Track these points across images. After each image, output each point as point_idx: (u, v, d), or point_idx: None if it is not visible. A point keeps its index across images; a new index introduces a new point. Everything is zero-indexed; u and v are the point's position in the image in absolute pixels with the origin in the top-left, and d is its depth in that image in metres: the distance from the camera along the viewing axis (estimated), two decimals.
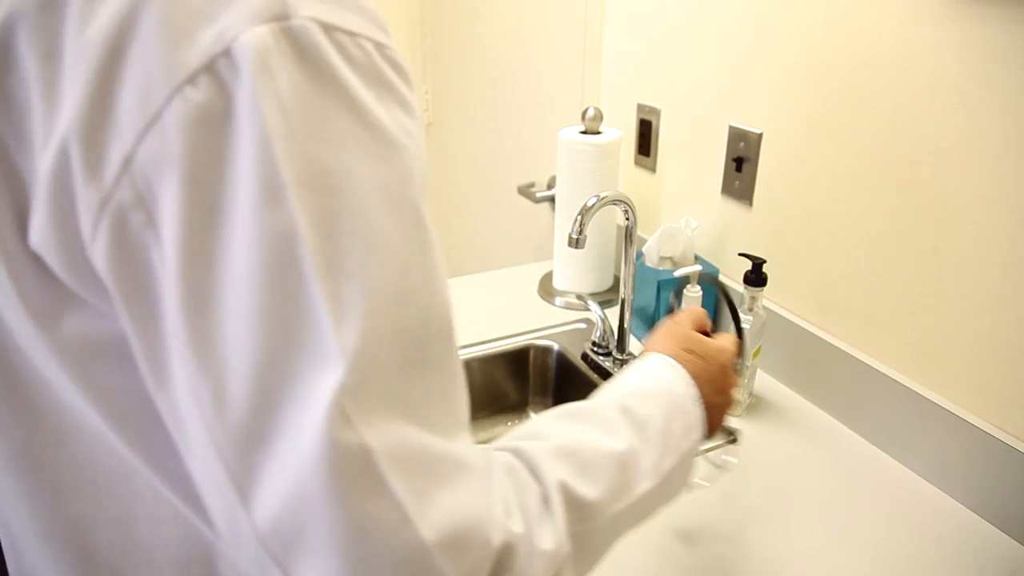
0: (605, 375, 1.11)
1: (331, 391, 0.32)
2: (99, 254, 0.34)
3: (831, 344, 0.99)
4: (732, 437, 0.90)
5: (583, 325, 1.26)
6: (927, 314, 0.87)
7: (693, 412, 0.58)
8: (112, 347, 0.37)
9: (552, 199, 1.55)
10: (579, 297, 1.33)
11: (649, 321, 1.19)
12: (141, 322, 0.34)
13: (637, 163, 1.38)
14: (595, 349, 1.14)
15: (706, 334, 0.68)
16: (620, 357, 1.11)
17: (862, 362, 0.95)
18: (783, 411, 1.03)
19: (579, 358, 1.17)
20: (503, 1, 1.80)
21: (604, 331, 1.13)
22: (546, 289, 1.39)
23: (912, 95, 0.84)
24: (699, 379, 0.60)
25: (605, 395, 0.57)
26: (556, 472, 0.46)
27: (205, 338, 0.33)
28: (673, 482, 0.56)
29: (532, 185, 1.67)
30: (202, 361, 0.33)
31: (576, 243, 0.95)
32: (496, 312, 1.31)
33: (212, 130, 0.31)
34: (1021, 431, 0.79)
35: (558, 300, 1.35)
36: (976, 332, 0.82)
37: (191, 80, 0.31)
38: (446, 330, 0.40)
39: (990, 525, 0.82)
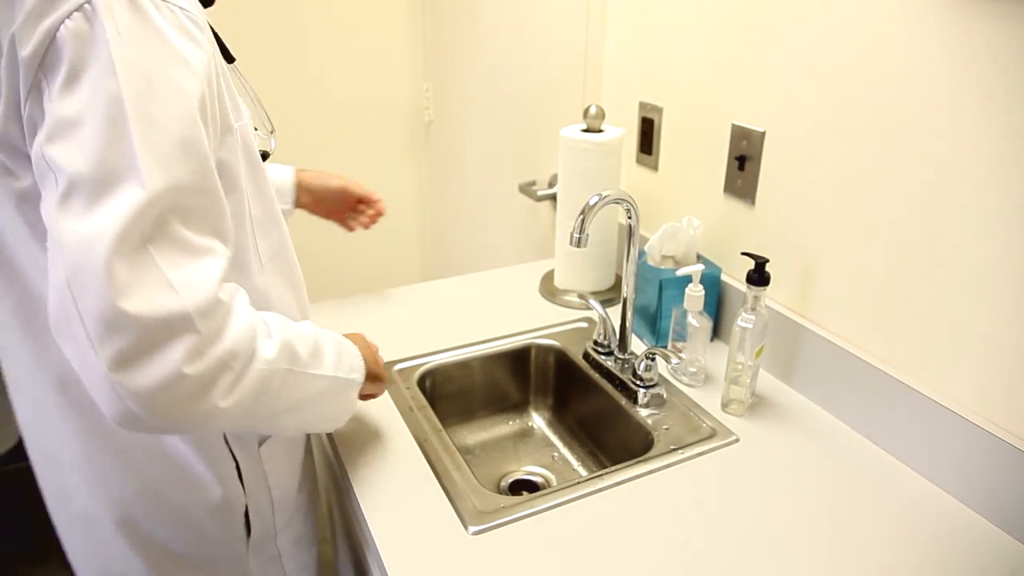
0: (607, 374, 1.11)
1: (134, 200, 0.57)
2: (25, 116, 0.60)
3: (833, 344, 0.99)
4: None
5: (584, 324, 1.26)
6: (928, 313, 0.87)
7: (358, 362, 0.85)
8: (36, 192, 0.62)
9: (553, 197, 1.55)
10: (581, 296, 1.33)
11: (651, 320, 1.19)
12: (35, 157, 0.59)
13: (639, 161, 1.37)
14: (597, 348, 1.14)
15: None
16: (622, 356, 1.11)
17: (864, 361, 0.95)
18: (785, 410, 1.03)
19: (580, 357, 1.17)
20: (504, 0, 1.80)
21: (606, 330, 1.13)
22: (547, 288, 1.38)
23: (915, 93, 0.84)
24: (364, 355, 0.87)
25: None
26: (283, 330, 0.72)
27: (64, 155, 0.57)
28: (342, 389, 0.82)
29: (533, 183, 1.66)
30: (59, 169, 0.57)
31: (578, 242, 0.94)
32: (497, 311, 1.31)
33: (83, 41, 0.57)
34: (1021, 430, 0.79)
35: (559, 299, 1.34)
36: (976, 332, 0.82)
37: (70, 15, 0.57)
38: (209, 175, 0.64)
39: (990, 524, 0.82)
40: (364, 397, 0.90)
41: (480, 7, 1.93)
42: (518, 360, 1.22)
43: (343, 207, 1.23)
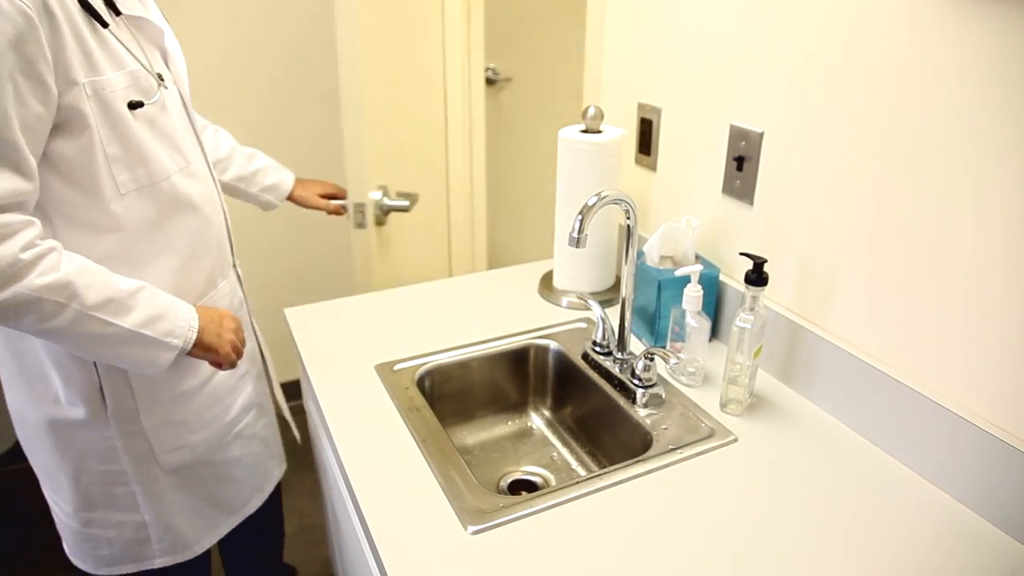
0: (605, 374, 1.11)
1: None
2: None
3: (832, 344, 0.99)
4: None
5: (583, 324, 1.26)
6: (927, 314, 0.87)
7: (180, 331, 1.01)
8: None
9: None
10: (580, 296, 1.33)
11: (650, 320, 1.19)
12: None
13: (638, 162, 1.38)
14: (596, 348, 1.14)
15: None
16: (621, 356, 1.11)
17: (862, 362, 0.95)
18: (783, 410, 1.03)
19: (579, 357, 1.17)
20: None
21: (605, 330, 1.13)
22: (547, 288, 1.39)
23: (913, 94, 0.84)
24: (206, 329, 1.05)
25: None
26: (70, 266, 0.90)
27: None
28: (147, 345, 0.98)
29: None
30: None
31: (576, 242, 0.95)
32: (497, 311, 1.31)
33: None
34: (1021, 431, 0.79)
35: (559, 299, 1.35)
36: (976, 332, 0.82)
37: None
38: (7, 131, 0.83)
39: (990, 524, 0.82)
40: (214, 364, 1.11)
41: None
42: (517, 360, 1.23)
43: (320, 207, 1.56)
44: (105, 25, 0.93)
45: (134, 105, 0.96)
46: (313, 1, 2.12)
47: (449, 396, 1.18)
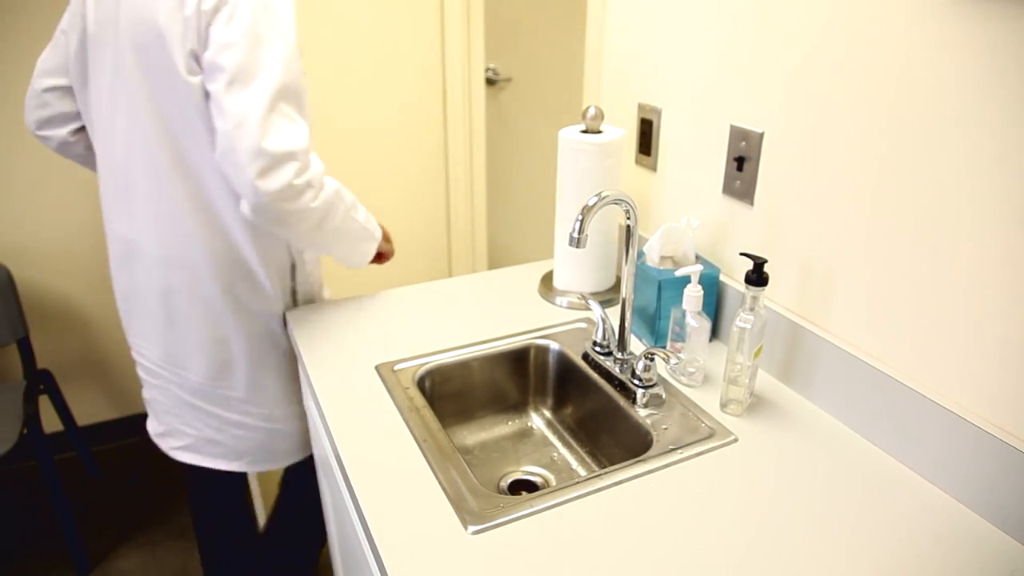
0: (606, 374, 1.11)
1: (267, 88, 1.03)
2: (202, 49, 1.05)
3: (832, 344, 0.99)
4: None
5: (584, 325, 1.27)
6: (927, 314, 0.87)
7: (377, 227, 1.30)
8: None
9: None
10: (580, 297, 1.33)
11: (650, 320, 1.19)
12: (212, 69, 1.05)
13: (638, 162, 1.38)
14: (596, 349, 1.14)
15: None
16: (621, 357, 1.11)
17: (862, 362, 0.95)
18: (783, 410, 1.03)
19: (580, 358, 1.17)
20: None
21: (605, 331, 1.13)
22: (547, 288, 1.39)
23: (913, 94, 0.84)
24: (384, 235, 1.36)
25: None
26: (338, 182, 1.15)
27: (227, 61, 1.02)
28: (367, 239, 1.27)
29: None
30: (224, 69, 1.03)
31: (576, 242, 0.95)
32: (497, 311, 1.31)
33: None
34: (1021, 431, 0.79)
35: (559, 300, 1.35)
36: (976, 332, 0.82)
37: None
38: (302, 78, 1.09)
39: (990, 524, 0.82)
40: (380, 257, 1.36)
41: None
42: (517, 360, 1.23)
43: None
44: None
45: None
46: None
47: (449, 396, 1.18)
